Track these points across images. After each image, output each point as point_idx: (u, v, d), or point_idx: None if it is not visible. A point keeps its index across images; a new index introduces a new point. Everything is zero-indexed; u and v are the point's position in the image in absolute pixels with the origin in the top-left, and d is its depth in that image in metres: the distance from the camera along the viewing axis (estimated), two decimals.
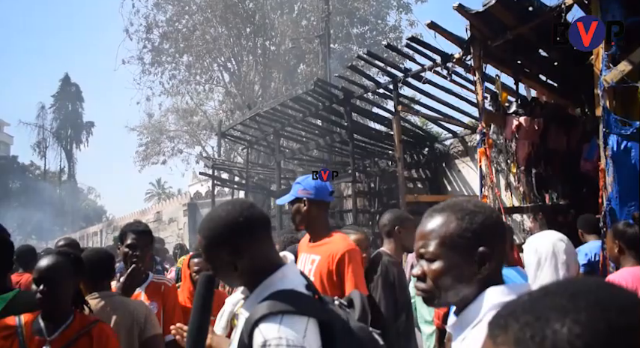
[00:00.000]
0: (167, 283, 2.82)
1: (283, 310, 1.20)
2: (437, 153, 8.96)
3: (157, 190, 48.36)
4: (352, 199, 8.16)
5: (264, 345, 1.16)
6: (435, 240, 1.13)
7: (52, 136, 44.17)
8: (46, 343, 1.91)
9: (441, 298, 1.14)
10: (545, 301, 0.55)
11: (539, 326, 0.53)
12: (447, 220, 1.13)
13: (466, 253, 1.11)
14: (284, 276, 1.34)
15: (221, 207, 1.42)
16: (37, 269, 1.95)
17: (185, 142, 25.70)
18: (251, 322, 1.21)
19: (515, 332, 0.54)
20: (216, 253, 1.34)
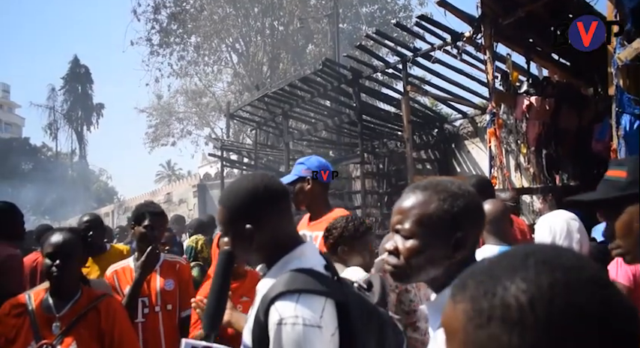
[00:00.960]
0: (181, 262, 2.88)
1: (301, 289, 1.18)
2: (446, 134, 8.88)
3: (167, 172, 48.69)
4: (361, 181, 8.15)
5: (280, 323, 1.14)
6: (412, 217, 1.11)
7: (63, 117, 44.50)
8: (55, 319, 1.96)
9: (411, 276, 1.13)
10: (501, 262, 0.59)
11: (491, 284, 0.56)
12: (428, 200, 1.12)
13: (442, 236, 1.10)
14: (302, 254, 1.31)
15: (243, 177, 1.42)
16: (52, 244, 1.97)
17: (194, 123, 25.80)
18: (267, 300, 1.19)
19: (472, 290, 0.58)
20: (237, 223, 1.31)
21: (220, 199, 1.40)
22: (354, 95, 7.90)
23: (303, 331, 1.13)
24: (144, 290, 2.62)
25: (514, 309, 0.54)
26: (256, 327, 1.22)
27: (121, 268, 2.72)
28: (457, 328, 0.59)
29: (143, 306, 2.60)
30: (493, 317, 0.55)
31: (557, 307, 0.53)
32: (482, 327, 0.55)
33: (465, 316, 0.57)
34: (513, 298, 0.54)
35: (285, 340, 1.13)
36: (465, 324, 0.57)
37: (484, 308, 0.56)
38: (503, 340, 0.54)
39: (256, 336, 1.21)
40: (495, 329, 0.54)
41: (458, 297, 0.60)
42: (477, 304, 0.57)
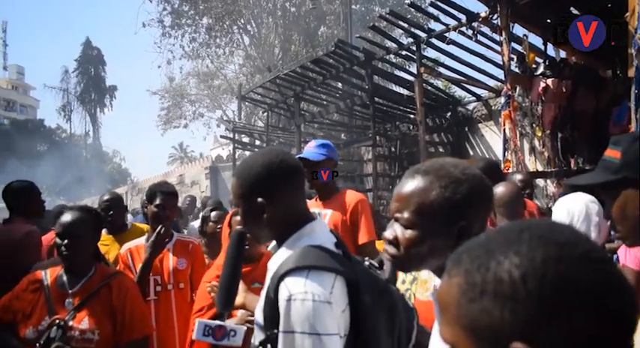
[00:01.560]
0: (194, 242, 2.90)
1: (310, 265, 1.17)
2: (459, 117, 8.77)
3: (180, 154, 49.02)
4: (372, 163, 8.11)
5: (290, 299, 1.13)
6: (412, 206, 1.06)
7: (77, 99, 44.85)
8: (68, 296, 1.99)
9: (411, 266, 1.11)
10: (496, 237, 0.59)
11: (486, 258, 0.57)
12: (428, 186, 1.05)
13: (444, 225, 1.03)
14: (313, 231, 1.31)
15: (259, 152, 1.42)
16: (61, 224, 2.01)
17: (206, 106, 25.83)
18: (277, 277, 1.18)
19: (466, 264, 0.59)
20: (249, 197, 1.31)
21: (235, 172, 1.40)
22: (367, 77, 7.82)
23: (312, 306, 1.11)
24: (157, 269, 2.65)
25: (507, 283, 0.54)
26: (267, 304, 1.21)
27: (134, 246, 2.76)
28: (450, 302, 0.59)
29: (155, 284, 2.64)
30: (486, 291, 0.55)
31: (550, 282, 0.53)
32: (475, 301, 0.56)
33: (459, 289, 0.58)
34: (506, 273, 0.54)
35: (294, 316, 1.12)
36: (458, 298, 0.58)
37: (477, 282, 0.56)
38: (495, 314, 0.54)
39: (267, 313, 1.21)
40: (488, 303, 0.55)
41: (453, 271, 0.60)
42: (471, 278, 0.57)
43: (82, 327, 1.91)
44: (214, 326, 1.31)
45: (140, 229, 3.52)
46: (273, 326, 1.18)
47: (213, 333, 1.30)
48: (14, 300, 2.03)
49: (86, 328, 1.91)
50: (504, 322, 0.54)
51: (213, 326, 1.31)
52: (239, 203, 1.36)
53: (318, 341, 1.10)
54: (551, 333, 0.52)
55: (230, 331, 1.30)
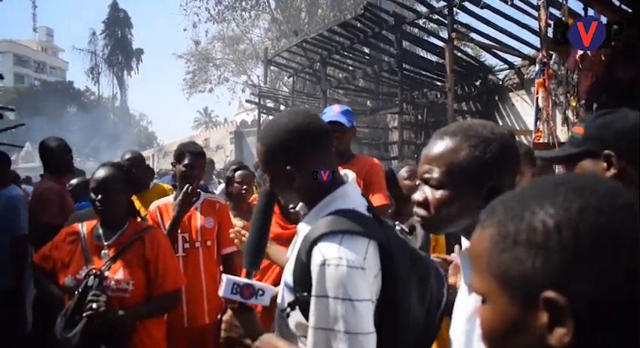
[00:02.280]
0: (221, 201, 2.95)
1: (344, 230, 1.14)
2: (490, 85, 8.55)
3: (204, 119, 49.39)
4: (398, 131, 8.04)
5: (324, 264, 1.11)
6: (442, 167, 1.04)
7: (104, 62, 45.23)
8: (104, 247, 2.07)
9: (441, 227, 1.10)
10: (532, 190, 0.59)
11: (520, 209, 0.56)
12: (458, 146, 1.04)
13: (474, 185, 1.03)
14: (345, 194, 1.27)
15: (283, 114, 1.37)
16: (95, 180, 2.06)
17: (231, 70, 25.75)
18: (310, 240, 1.16)
19: (500, 215, 0.58)
20: (276, 162, 1.26)
21: (259, 137, 1.33)
22: (396, 42, 7.64)
23: (346, 272, 1.10)
24: (185, 226, 2.71)
25: (540, 232, 0.54)
26: (298, 267, 1.21)
27: (163, 204, 2.82)
28: (482, 253, 0.59)
29: (184, 241, 2.70)
30: (518, 241, 0.55)
31: (585, 231, 0.52)
32: (507, 251, 0.56)
33: (491, 240, 0.58)
34: (540, 222, 0.54)
35: (328, 281, 1.11)
36: (490, 248, 0.58)
37: (510, 232, 0.56)
38: (527, 263, 0.54)
39: (298, 276, 1.20)
40: (520, 253, 0.54)
41: (486, 222, 0.60)
42: (504, 228, 0.57)
43: (117, 277, 1.99)
44: (242, 284, 1.25)
45: (162, 189, 3.60)
46: (303, 289, 1.18)
47: (242, 291, 1.25)
48: (53, 250, 2.12)
49: (121, 278, 1.99)
50: (536, 271, 0.53)
51: (241, 284, 1.25)
52: (265, 169, 1.31)
53: (351, 307, 1.10)
54: (584, 284, 0.51)
55: (258, 290, 1.26)
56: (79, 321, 1.87)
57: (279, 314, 1.35)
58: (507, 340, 0.57)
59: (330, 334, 1.11)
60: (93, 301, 1.87)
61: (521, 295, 0.54)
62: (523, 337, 0.55)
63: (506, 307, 0.56)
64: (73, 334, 1.85)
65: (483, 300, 0.60)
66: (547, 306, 0.52)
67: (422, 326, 1.27)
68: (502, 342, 0.58)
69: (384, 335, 1.15)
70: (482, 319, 0.61)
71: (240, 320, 1.28)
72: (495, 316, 0.58)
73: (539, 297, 0.52)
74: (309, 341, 1.14)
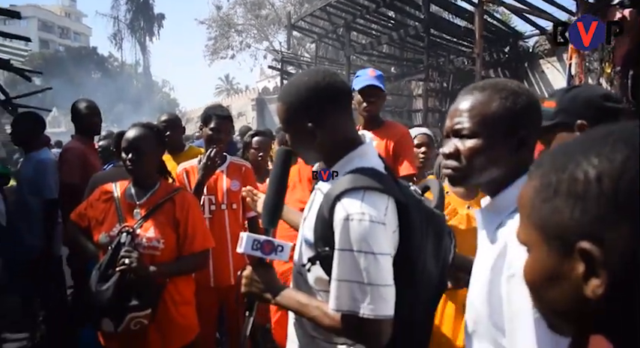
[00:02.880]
0: (246, 165, 2.97)
1: (365, 186, 1.18)
2: (519, 52, 8.28)
3: (226, 86, 49.34)
4: (423, 98, 7.89)
5: (347, 219, 1.15)
6: (475, 118, 1.07)
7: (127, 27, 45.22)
8: (136, 206, 2.12)
9: (472, 177, 1.10)
10: (579, 141, 0.58)
11: (565, 160, 0.56)
12: (488, 99, 1.08)
13: (506, 134, 1.06)
14: (364, 154, 1.30)
15: (304, 73, 1.36)
16: (125, 139, 2.09)
17: (253, 36, 25.48)
18: (332, 197, 1.19)
19: (545, 167, 0.58)
20: (297, 119, 1.29)
21: (280, 96, 1.35)
22: (423, 6, 7.41)
23: (369, 226, 1.14)
24: (211, 189, 2.75)
25: (581, 182, 0.53)
26: (319, 224, 1.24)
27: (190, 166, 2.85)
28: (525, 203, 0.60)
29: (210, 203, 2.74)
30: (559, 191, 0.55)
31: (626, 183, 0.51)
32: (548, 200, 0.56)
33: (534, 190, 0.58)
34: (582, 172, 0.53)
35: (352, 235, 1.15)
36: (533, 198, 0.58)
37: (552, 182, 0.56)
38: (565, 214, 0.54)
39: (319, 232, 1.24)
40: (559, 203, 0.54)
41: (532, 174, 0.60)
42: (547, 178, 0.57)
43: (149, 235, 2.04)
44: (262, 241, 1.29)
45: (197, 151, 3.62)
46: (324, 244, 1.22)
47: (262, 247, 1.30)
48: (89, 208, 2.19)
49: (152, 237, 2.04)
50: (574, 221, 0.53)
51: (261, 241, 1.29)
52: (286, 128, 1.33)
53: (374, 259, 1.14)
54: (620, 236, 0.50)
55: (277, 246, 1.31)
56: (112, 275, 1.94)
57: (297, 270, 1.39)
58: (547, 289, 0.58)
59: (353, 286, 1.15)
60: (125, 257, 1.93)
61: (559, 245, 0.55)
62: (561, 287, 0.56)
63: (545, 257, 0.57)
64: (106, 287, 1.92)
65: (528, 250, 0.61)
66: (582, 256, 0.52)
67: (436, 282, 1.32)
68: (542, 291, 0.59)
69: (399, 290, 1.19)
70: (525, 268, 0.62)
71: (260, 275, 1.32)
72: (536, 265, 0.59)
73: (576, 247, 0.52)
74: (333, 292, 1.19)
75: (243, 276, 1.34)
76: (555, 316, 0.60)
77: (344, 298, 1.16)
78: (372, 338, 1.17)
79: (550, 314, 0.61)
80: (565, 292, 0.55)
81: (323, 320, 1.22)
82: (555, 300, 0.57)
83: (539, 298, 0.60)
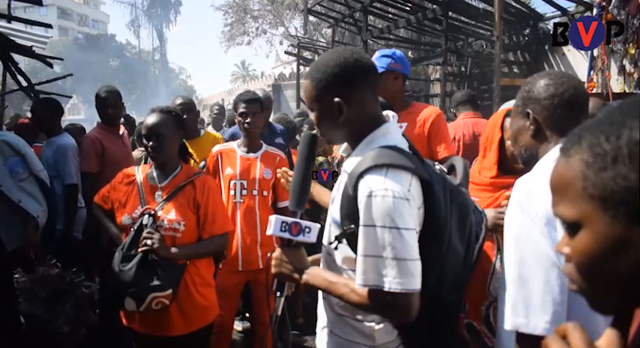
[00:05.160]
0: (281, 155, 2.96)
1: (388, 163, 1.20)
2: (540, 34, 8.08)
3: (242, 72, 49.34)
4: (441, 83, 7.79)
5: (370, 195, 1.17)
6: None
7: (144, 14, 45.38)
8: (157, 189, 2.16)
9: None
10: (619, 112, 0.57)
11: (614, 128, 0.56)
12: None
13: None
14: (388, 132, 1.32)
15: (332, 51, 1.38)
16: (146, 126, 2.13)
17: (269, 22, 25.35)
18: (356, 174, 1.21)
19: (589, 139, 0.57)
20: (325, 95, 1.31)
21: (308, 73, 1.37)
22: None
23: (392, 202, 1.15)
24: (244, 174, 2.78)
25: None
26: (345, 202, 1.26)
27: (225, 149, 2.89)
28: (572, 179, 0.58)
29: (242, 188, 2.78)
30: (619, 157, 0.54)
31: None
32: (606, 169, 0.55)
33: (583, 164, 0.57)
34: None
35: (375, 212, 1.16)
36: (584, 171, 0.57)
37: (607, 150, 0.55)
38: (631, 177, 0.53)
39: (345, 210, 1.26)
40: (621, 168, 0.54)
41: (572, 150, 0.59)
42: (598, 148, 0.56)
43: (170, 217, 2.08)
44: (290, 222, 1.32)
45: (213, 137, 3.65)
46: (350, 222, 1.24)
47: (290, 229, 1.32)
48: (112, 191, 2.25)
49: (173, 219, 2.08)
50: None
51: (289, 222, 1.32)
52: (313, 106, 1.35)
53: (398, 234, 1.15)
54: None
55: (305, 228, 1.33)
56: (135, 256, 2.00)
57: (326, 251, 1.42)
58: (610, 262, 0.57)
59: (378, 261, 1.17)
60: (147, 238, 1.98)
61: (626, 210, 0.54)
62: (627, 255, 0.55)
63: (607, 226, 0.56)
64: (129, 268, 1.98)
65: (575, 228, 0.59)
66: None
67: (461, 258, 1.33)
68: (604, 265, 0.57)
69: (426, 265, 1.20)
70: (576, 248, 0.60)
71: (289, 256, 1.35)
72: (595, 239, 0.57)
73: None
74: (359, 268, 1.21)
75: (273, 257, 1.37)
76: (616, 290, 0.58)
77: (370, 273, 1.18)
78: (400, 312, 1.19)
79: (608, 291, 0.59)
80: (632, 259, 0.54)
81: (351, 297, 1.24)
82: (620, 271, 0.56)
83: (599, 274, 0.58)
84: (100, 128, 3.54)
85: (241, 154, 2.84)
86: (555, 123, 1.34)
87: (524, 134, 1.41)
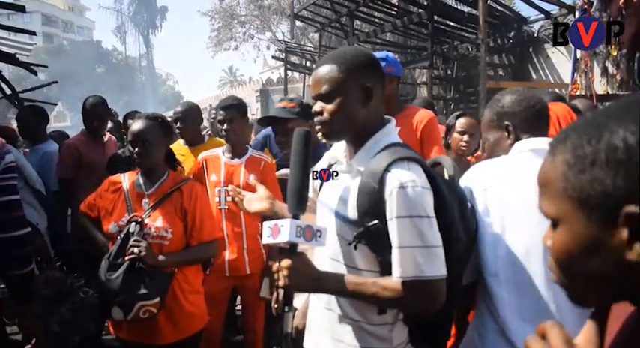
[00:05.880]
0: (266, 159, 2.89)
1: (407, 157, 1.25)
2: (524, 37, 8.20)
3: (229, 78, 49.25)
4: (427, 86, 7.85)
5: (402, 187, 1.20)
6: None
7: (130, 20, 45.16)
8: (144, 196, 2.14)
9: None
10: (605, 113, 0.57)
11: (597, 130, 0.55)
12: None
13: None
14: (390, 132, 1.36)
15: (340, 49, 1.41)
16: (131, 132, 2.10)
17: (256, 27, 25.37)
18: (381, 169, 1.23)
19: (574, 139, 0.58)
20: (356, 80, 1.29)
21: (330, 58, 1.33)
22: None
23: (421, 192, 1.21)
24: (228, 180, 2.74)
25: (621, 150, 0.53)
26: (366, 198, 1.25)
27: (210, 156, 2.85)
28: (555, 178, 0.59)
29: (226, 195, 2.74)
30: (597, 161, 0.55)
31: None
32: (585, 171, 0.56)
33: (565, 164, 0.58)
34: (621, 141, 0.53)
35: (408, 203, 1.20)
36: (565, 172, 0.58)
37: (587, 153, 0.55)
38: (607, 182, 0.54)
39: (366, 207, 1.25)
40: (598, 172, 0.54)
41: (557, 149, 0.60)
42: (579, 150, 0.56)
43: (157, 225, 2.06)
44: (304, 227, 1.22)
45: (217, 143, 3.59)
46: (372, 218, 1.24)
47: (304, 233, 1.23)
48: (98, 198, 2.22)
49: (160, 226, 2.06)
50: (616, 188, 0.53)
51: (303, 227, 1.22)
52: (336, 92, 1.29)
53: (429, 223, 1.21)
54: None
55: (317, 232, 1.24)
56: (122, 264, 1.97)
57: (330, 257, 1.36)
58: (583, 261, 0.58)
59: (414, 251, 1.20)
60: (134, 246, 1.96)
61: (600, 214, 0.55)
62: (600, 256, 0.56)
63: (583, 227, 0.57)
64: (116, 276, 1.95)
65: (554, 225, 0.61)
66: (627, 221, 0.53)
67: (465, 241, 1.37)
68: (578, 262, 0.59)
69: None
70: (554, 243, 0.61)
71: (301, 264, 1.25)
72: (571, 237, 0.59)
73: (619, 214, 0.53)
74: (396, 261, 1.22)
75: (283, 267, 1.24)
76: (589, 287, 0.59)
77: (408, 264, 1.20)
78: (434, 298, 1.22)
79: (582, 286, 0.60)
80: (604, 260, 0.56)
81: (383, 294, 1.24)
82: (592, 269, 0.57)
83: (573, 270, 0.60)
84: (82, 135, 3.52)
85: (225, 161, 2.81)
86: (529, 130, 1.50)
87: (502, 144, 1.54)
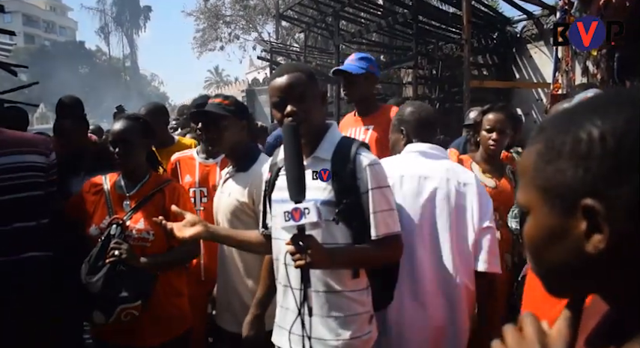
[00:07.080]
0: None
1: (364, 144, 1.65)
2: (507, 37, 8.27)
3: (215, 78, 49.02)
4: (412, 86, 7.88)
5: (372, 164, 1.56)
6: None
7: (113, 21, 44.70)
8: (126, 198, 2.11)
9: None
10: (582, 106, 0.59)
11: (568, 123, 0.57)
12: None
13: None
14: (336, 129, 1.71)
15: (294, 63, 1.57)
16: (112, 132, 2.08)
17: (242, 27, 25.25)
18: (353, 153, 1.57)
19: (548, 131, 0.59)
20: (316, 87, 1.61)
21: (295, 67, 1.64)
22: None
23: (382, 168, 1.61)
24: (203, 181, 2.72)
25: (584, 142, 0.54)
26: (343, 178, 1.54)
27: (183, 156, 2.82)
28: (528, 166, 0.61)
29: (202, 196, 2.73)
30: (563, 152, 0.56)
31: (629, 141, 0.52)
32: (551, 162, 0.57)
33: (537, 153, 0.59)
34: (585, 133, 0.54)
35: (377, 177, 1.56)
36: (536, 161, 0.59)
37: (556, 145, 0.57)
38: (568, 173, 0.55)
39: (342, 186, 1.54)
40: (563, 163, 0.56)
41: (535, 139, 0.61)
42: (550, 141, 0.58)
43: (139, 227, 2.04)
44: (291, 210, 1.33)
45: (186, 145, 3.58)
46: (347, 195, 1.53)
47: (292, 216, 1.33)
48: (80, 200, 2.18)
49: (142, 228, 2.04)
50: (577, 180, 0.54)
51: (290, 210, 1.33)
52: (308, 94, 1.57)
53: (390, 191, 1.63)
54: (623, 192, 0.51)
55: (304, 210, 1.34)
56: (102, 267, 1.94)
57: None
58: (547, 249, 0.59)
59: (385, 214, 1.56)
60: (115, 249, 1.93)
61: (562, 205, 0.56)
62: (562, 246, 0.57)
63: (546, 217, 0.58)
64: (96, 279, 1.92)
65: (527, 212, 0.62)
66: (585, 213, 0.54)
67: None
68: (543, 250, 0.60)
69: None
70: (525, 231, 0.63)
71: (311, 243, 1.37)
72: (537, 226, 0.60)
73: (578, 205, 0.54)
74: (373, 223, 1.54)
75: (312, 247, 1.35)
76: (555, 276, 0.61)
77: (382, 225, 1.55)
78: (400, 248, 1.62)
79: (549, 276, 0.62)
80: (566, 250, 0.57)
81: (370, 253, 1.56)
82: (555, 259, 0.59)
83: (540, 258, 0.62)
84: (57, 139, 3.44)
85: (200, 161, 2.79)
86: (418, 135, 2.01)
87: (399, 143, 2.07)
